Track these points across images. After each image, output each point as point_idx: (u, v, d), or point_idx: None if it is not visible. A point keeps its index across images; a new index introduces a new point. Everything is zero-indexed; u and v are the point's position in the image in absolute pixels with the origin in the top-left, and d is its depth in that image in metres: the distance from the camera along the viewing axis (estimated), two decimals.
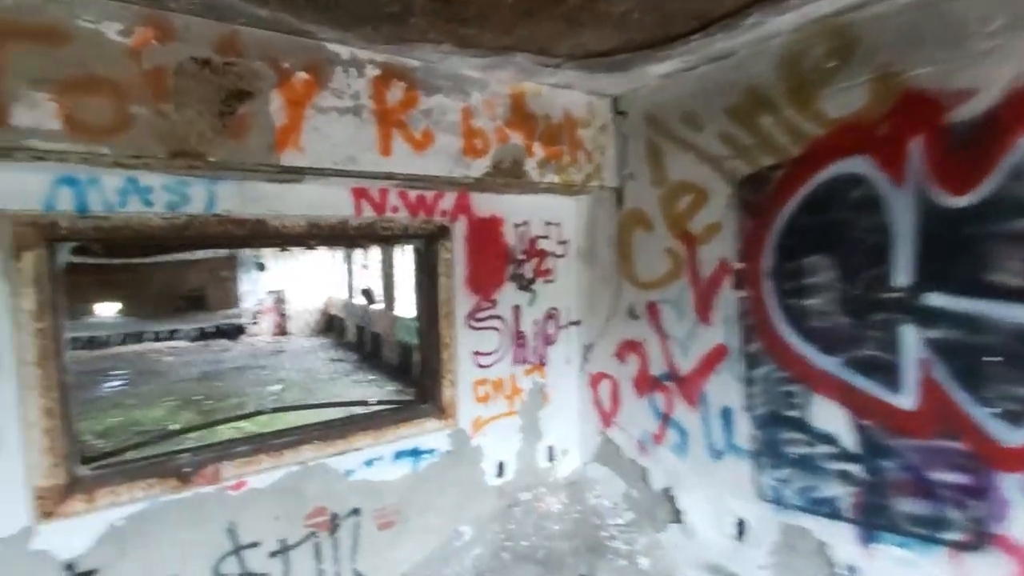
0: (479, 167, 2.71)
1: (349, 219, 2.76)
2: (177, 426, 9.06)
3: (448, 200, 3.09)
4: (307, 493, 2.69)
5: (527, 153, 2.85)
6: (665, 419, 3.03)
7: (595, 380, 3.52)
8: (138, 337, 18.15)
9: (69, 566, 2.18)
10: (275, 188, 2.55)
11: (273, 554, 2.61)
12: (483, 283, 3.24)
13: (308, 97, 2.22)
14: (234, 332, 18.99)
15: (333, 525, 2.75)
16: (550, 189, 3.13)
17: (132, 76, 1.90)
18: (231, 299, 20.82)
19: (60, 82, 1.79)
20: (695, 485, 2.91)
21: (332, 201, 2.70)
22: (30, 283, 2.10)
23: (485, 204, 3.23)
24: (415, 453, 3.00)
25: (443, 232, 3.08)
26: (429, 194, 3.02)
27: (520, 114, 2.81)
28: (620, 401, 3.32)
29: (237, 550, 2.53)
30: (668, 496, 3.04)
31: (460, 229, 3.15)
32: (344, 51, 2.30)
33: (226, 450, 2.59)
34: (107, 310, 20.49)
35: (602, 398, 3.46)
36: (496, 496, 3.29)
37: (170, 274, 20.36)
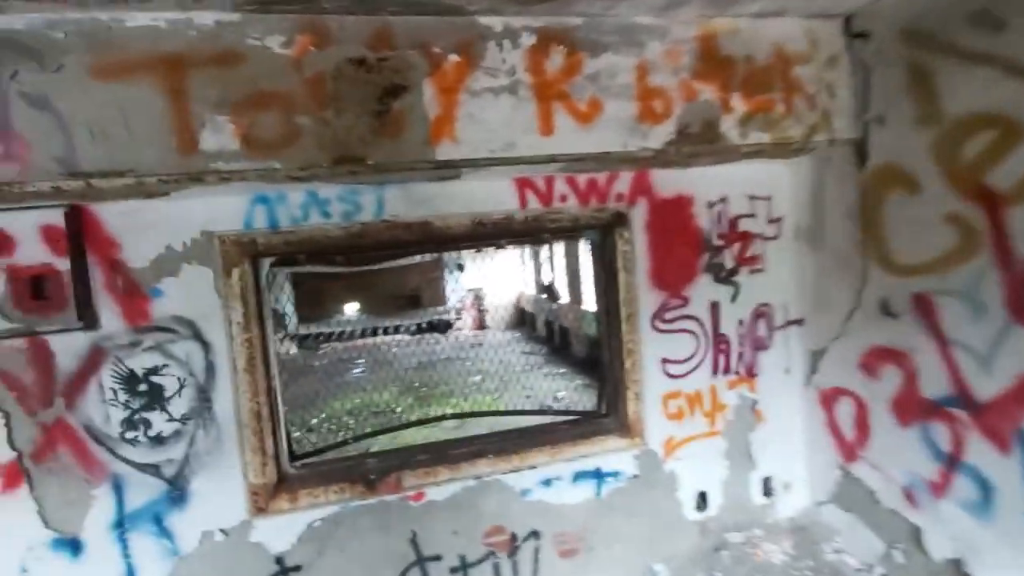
0: (660, 135, 2.20)
1: (514, 213, 2.51)
2: (367, 429, 10.08)
3: (623, 182, 2.64)
4: (484, 510, 2.53)
5: (722, 109, 2.24)
6: (951, 462, 2.11)
7: (829, 397, 2.69)
8: (373, 331, 21.51)
9: (279, 560, 2.36)
10: (437, 187, 2.43)
11: (454, 570, 2.51)
12: (671, 277, 2.71)
13: (460, 81, 2.01)
14: (443, 327, 21.20)
15: (512, 547, 2.55)
16: (756, 153, 2.45)
17: (295, 86, 1.90)
18: (440, 297, 23.53)
19: (236, 103, 1.86)
20: (1008, 564, 1.96)
21: (495, 195, 2.48)
22: (237, 297, 2.30)
23: (669, 182, 2.69)
24: (597, 475, 2.63)
25: (619, 220, 2.64)
26: (601, 177, 2.61)
27: (712, 60, 2.21)
28: (871, 429, 2.46)
29: (420, 561, 2.49)
30: (959, 571, 2.12)
31: (640, 215, 2.67)
32: (496, 22, 2.03)
33: (407, 459, 2.57)
34: (351, 309, 24.80)
35: (841, 422, 2.62)
36: (697, 533, 2.74)
37: (395, 277, 23.70)
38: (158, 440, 2.26)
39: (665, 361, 2.71)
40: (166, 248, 2.24)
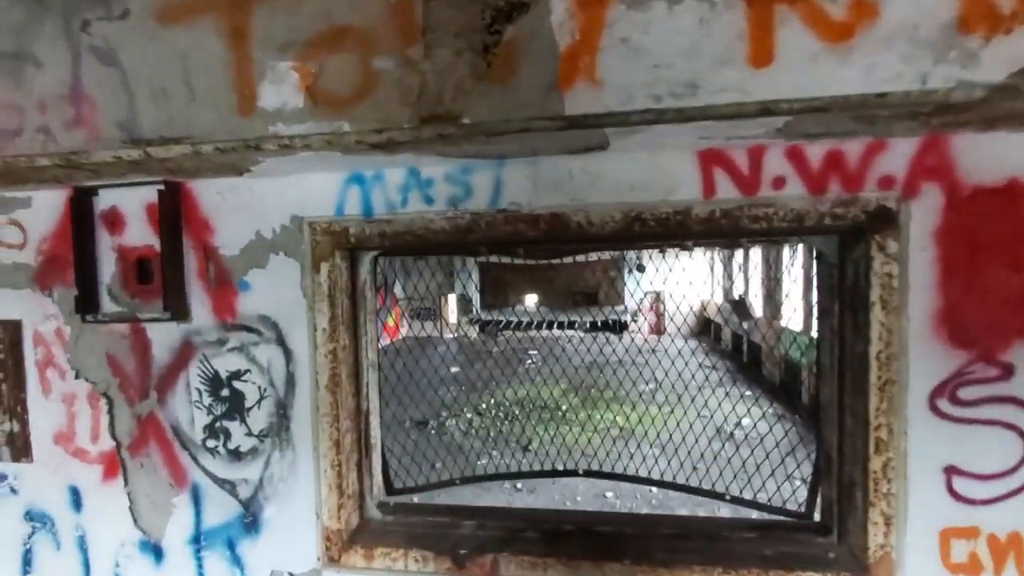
0: (1004, 58, 1.11)
1: (692, 206, 1.62)
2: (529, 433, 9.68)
3: (895, 155, 1.54)
4: None
5: None
6: None
7: None
8: (550, 324, 21.71)
9: None
10: (577, 165, 1.67)
11: None
12: (980, 327, 1.53)
13: None
14: (618, 327, 20.38)
15: None
16: None
17: (377, 15, 1.34)
18: (617, 297, 22.89)
19: (304, 43, 1.38)
20: None
21: (663, 177, 1.63)
22: (325, 298, 1.88)
23: (990, 157, 1.51)
24: None
25: (881, 220, 1.55)
26: (852, 147, 1.56)
27: None
28: None
29: None
30: None
31: (924, 214, 1.54)
32: None
33: (512, 536, 1.90)
34: (531, 300, 25.43)
35: None
36: None
37: (573, 273, 23.70)
38: (236, 455, 1.97)
39: (954, 472, 1.55)
40: (256, 235, 1.91)
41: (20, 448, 2.12)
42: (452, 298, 21.55)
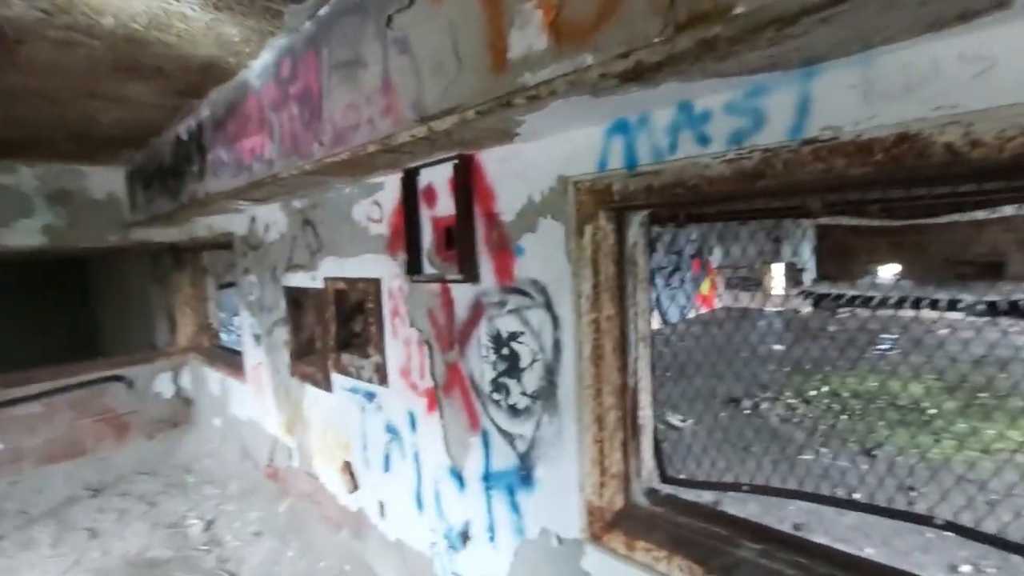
0: None
1: None
2: (880, 431, 7.60)
3: None
4: None
5: None
6: None
7: None
8: (916, 303, 16.94)
9: None
10: (947, 50, 1.02)
11: None
12: None
13: None
14: None
15: None
16: None
17: None
18: None
19: None
20: None
21: None
22: (588, 263, 1.75)
23: None
24: None
25: None
26: None
27: None
28: None
29: None
30: None
31: None
32: None
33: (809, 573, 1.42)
34: (887, 271, 20.28)
35: None
36: None
37: (958, 235, 17.67)
38: (513, 411, 2.08)
39: None
40: (527, 199, 1.92)
41: (382, 376, 2.77)
42: (778, 267, 18.90)
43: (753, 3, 0.92)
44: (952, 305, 16.26)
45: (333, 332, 3.10)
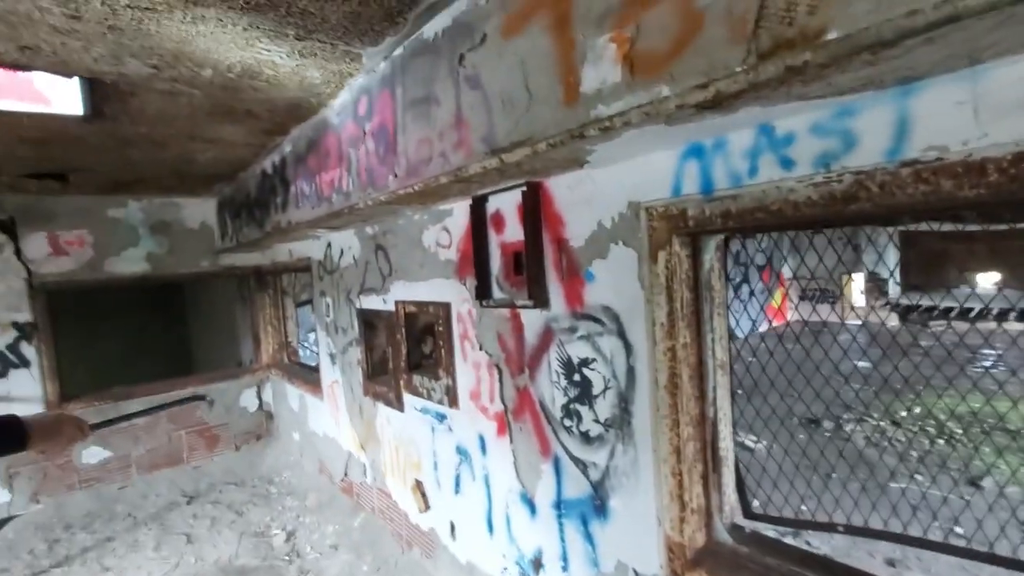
0: None
1: None
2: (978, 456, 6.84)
3: None
4: None
5: None
6: None
7: None
8: (1021, 315, 15.26)
9: None
10: None
11: None
12: None
13: None
14: None
15: None
16: None
17: None
18: None
19: (620, 4, 1.23)
20: None
21: None
22: (662, 290, 1.71)
23: None
24: None
25: None
26: None
27: None
28: None
29: None
30: None
31: None
32: None
33: None
34: (986, 280, 18.43)
35: None
36: None
37: None
38: (586, 438, 2.05)
39: None
40: (598, 224, 1.90)
41: (452, 398, 2.82)
42: (858, 277, 17.60)
43: (848, 27, 0.88)
44: None
45: (404, 353, 3.20)
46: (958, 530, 5.03)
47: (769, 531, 1.87)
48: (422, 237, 2.92)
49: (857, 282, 17.43)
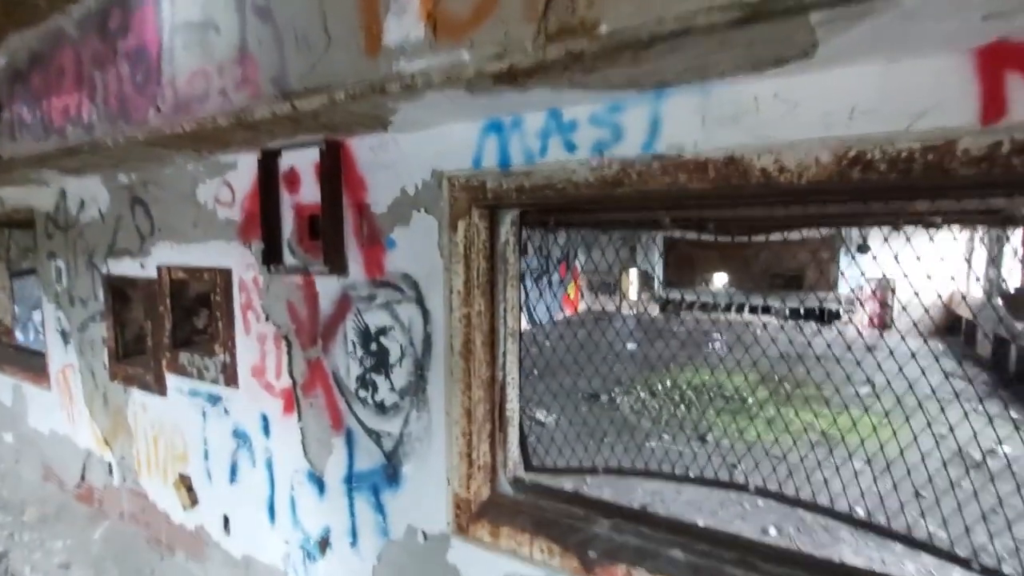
0: None
1: (959, 137, 1.06)
2: (708, 411, 8.79)
3: None
4: None
5: None
6: None
7: None
8: (739, 307, 19.79)
9: None
10: (767, 88, 1.22)
11: None
12: None
13: None
14: (826, 317, 17.69)
15: None
16: None
17: None
18: (827, 282, 19.79)
19: None
20: None
21: (907, 95, 1.09)
22: (460, 259, 1.76)
23: None
24: None
25: None
26: None
27: None
28: None
29: None
30: None
31: None
32: None
33: (650, 558, 1.59)
34: (719, 280, 23.39)
35: None
36: None
37: (773, 252, 21.02)
38: (381, 408, 2.02)
39: None
40: (401, 191, 1.88)
41: (230, 376, 2.51)
42: (633, 273, 20.85)
43: (614, 22, 1.01)
44: (767, 310, 19.37)
45: (168, 328, 2.73)
46: (690, 474, 6.23)
47: (546, 480, 2.09)
48: (196, 191, 2.51)
49: (632, 277, 20.55)
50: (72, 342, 3.37)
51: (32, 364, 3.84)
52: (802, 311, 18.42)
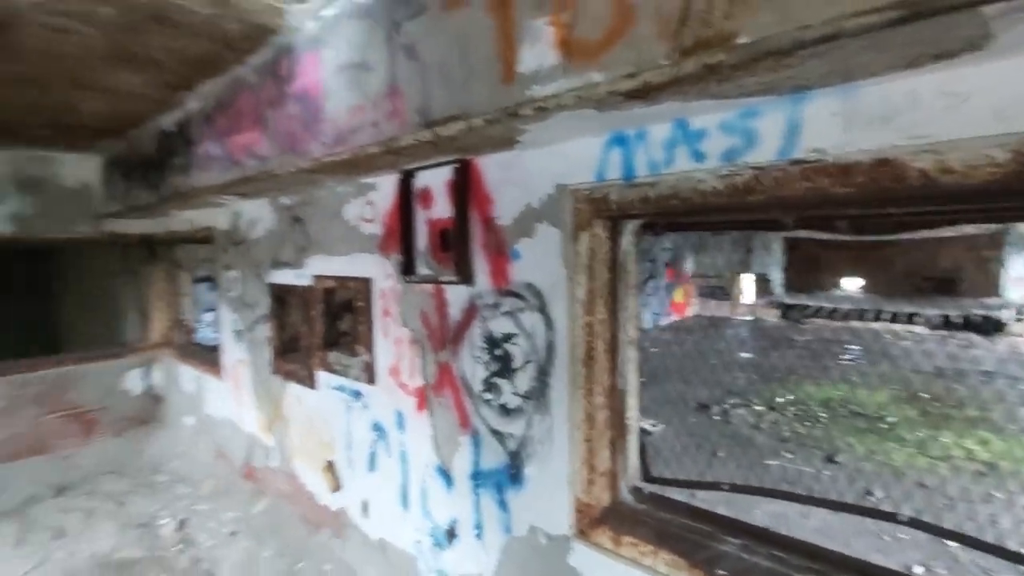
0: None
1: None
2: (842, 434, 7.88)
3: None
4: None
5: None
6: None
7: None
8: (877, 315, 17.68)
9: None
10: (925, 85, 1.13)
11: None
12: None
13: None
14: (988, 327, 15.15)
15: None
16: None
17: None
18: (991, 286, 16.96)
19: None
20: None
21: None
22: (583, 269, 1.82)
23: None
24: None
25: None
26: None
27: None
28: None
29: None
30: None
31: None
32: None
33: (793, 567, 1.52)
34: (852, 284, 21.08)
35: None
36: None
37: (919, 252, 18.52)
38: (505, 410, 2.13)
39: None
40: (525, 205, 1.98)
41: (370, 375, 2.79)
42: (748, 277, 19.45)
43: (753, 33, 1.01)
44: (911, 318, 17.06)
45: (320, 330, 3.10)
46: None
47: (665, 492, 2.07)
48: (343, 210, 2.84)
49: (747, 281, 19.21)
50: (243, 340, 3.94)
51: (210, 359, 4.55)
52: (956, 319, 15.94)
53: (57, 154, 4.53)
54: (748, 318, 17.65)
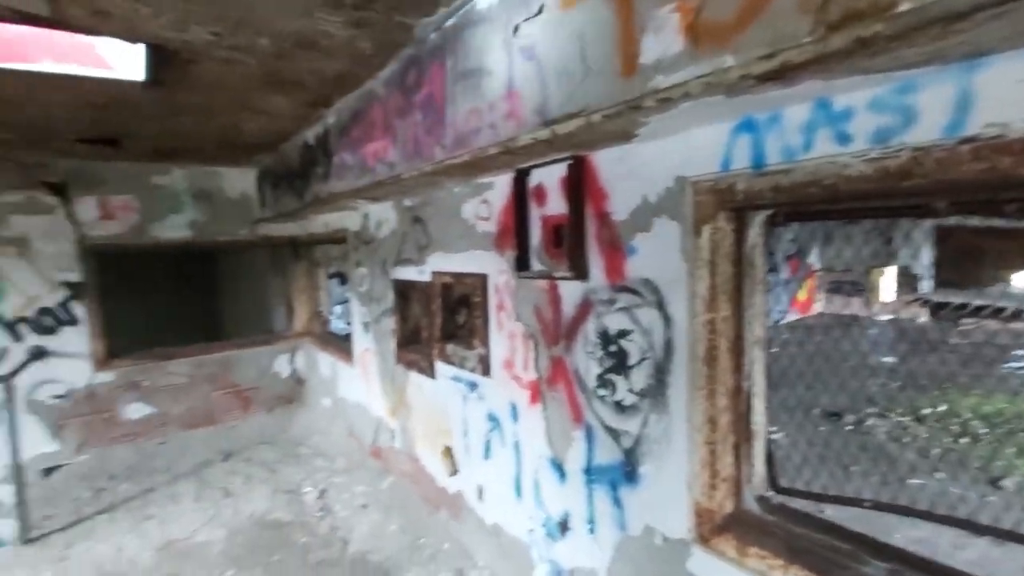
0: None
1: None
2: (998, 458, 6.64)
3: None
4: None
5: None
6: None
7: None
8: None
9: None
10: None
11: None
12: None
13: None
14: None
15: None
16: None
17: None
18: None
19: None
20: None
21: None
22: (705, 264, 1.74)
23: None
24: None
25: None
26: None
27: None
28: None
29: None
30: None
31: None
32: None
33: None
34: (1020, 280, 17.81)
35: None
36: None
37: None
38: (619, 407, 2.12)
39: None
40: (642, 199, 1.94)
41: (485, 367, 2.91)
42: (888, 271, 17.11)
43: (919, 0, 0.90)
44: None
45: (438, 323, 3.29)
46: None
47: (796, 504, 1.92)
48: (461, 209, 2.98)
49: (887, 276, 16.97)
50: (370, 331, 4.31)
51: (342, 347, 5.03)
52: None
53: (222, 169, 5.27)
54: (887, 317, 15.59)
